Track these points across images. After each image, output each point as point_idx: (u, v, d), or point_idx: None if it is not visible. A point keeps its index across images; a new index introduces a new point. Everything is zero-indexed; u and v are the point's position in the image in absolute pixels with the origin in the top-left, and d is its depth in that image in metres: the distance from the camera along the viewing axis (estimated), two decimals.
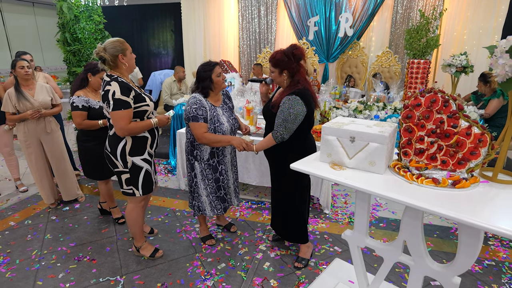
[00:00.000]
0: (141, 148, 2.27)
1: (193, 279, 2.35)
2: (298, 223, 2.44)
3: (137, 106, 2.17)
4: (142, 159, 2.28)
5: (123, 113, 2.08)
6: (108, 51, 2.11)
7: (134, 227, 2.49)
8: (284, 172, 2.28)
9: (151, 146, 2.34)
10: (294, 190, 2.36)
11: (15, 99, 3.05)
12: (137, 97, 2.16)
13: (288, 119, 2.09)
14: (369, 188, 1.36)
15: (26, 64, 3.08)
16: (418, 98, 1.46)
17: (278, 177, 2.41)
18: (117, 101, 2.06)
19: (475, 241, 1.31)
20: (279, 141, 2.17)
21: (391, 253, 1.62)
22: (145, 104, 2.21)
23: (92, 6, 4.24)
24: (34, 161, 3.25)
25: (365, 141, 1.50)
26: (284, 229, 2.54)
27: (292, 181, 2.32)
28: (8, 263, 2.54)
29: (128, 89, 2.10)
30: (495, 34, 5.69)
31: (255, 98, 3.84)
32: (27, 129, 3.15)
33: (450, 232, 2.94)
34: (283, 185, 2.39)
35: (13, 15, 7.66)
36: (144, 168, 2.30)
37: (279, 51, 2.16)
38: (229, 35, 7.77)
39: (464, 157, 1.35)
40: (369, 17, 6.42)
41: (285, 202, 2.43)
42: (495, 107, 3.89)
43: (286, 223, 2.48)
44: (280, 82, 2.25)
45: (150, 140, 2.31)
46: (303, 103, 2.10)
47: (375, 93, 4.52)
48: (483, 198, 1.28)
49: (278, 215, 2.54)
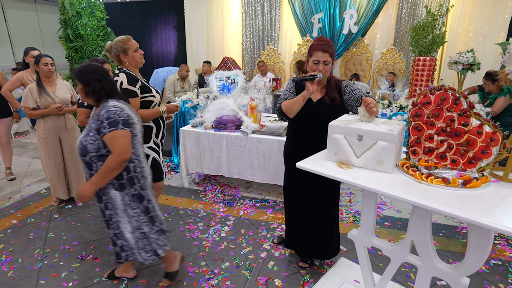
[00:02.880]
0: (146, 136, 2.32)
1: (197, 278, 2.33)
2: (337, 233, 2.34)
3: (144, 96, 2.28)
4: (148, 147, 2.35)
5: (131, 101, 2.18)
6: (112, 51, 2.27)
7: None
8: (331, 186, 2.14)
9: (156, 135, 2.41)
10: (337, 200, 2.25)
11: (36, 94, 3.06)
12: (144, 88, 2.28)
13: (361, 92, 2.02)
14: (377, 187, 1.33)
15: (51, 61, 3.11)
16: (427, 96, 1.42)
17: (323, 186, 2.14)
18: (124, 90, 2.17)
19: (485, 242, 1.28)
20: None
21: (399, 253, 1.59)
22: (151, 95, 2.31)
23: (94, 2, 4.21)
24: (52, 158, 3.26)
25: (373, 140, 1.47)
26: (327, 247, 2.31)
27: (334, 189, 2.21)
28: (11, 262, 2.53)
29: (134, 80, 2.23)
30: (501, 32, 5.63)
31: (259, 95, 3.81)
32: (47, 126, 3.17)
33: (456, 231, 2.91)
34: (327, 195, 2.21)
35: (15, 11, 7.65)
36: (151, 156, 2.37)
37: (327, 40, 2.03)
38: (232, 32, 7.74)
39: (475, 156, 1.32)
40: (373, 14, 6.36)
41: (326, 216, 2.25)
42: (502, 105, 3.84)
43: (328, 239, 2.30)
44: (326, 73, 2.06)
45: (155, 129, 2.38)
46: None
47: (380, 91, 4.48)
48: (494, 198, 1.26)
49: (319, 233, 2.27)
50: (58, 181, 3.35)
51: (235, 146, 3.42)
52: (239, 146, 3.40)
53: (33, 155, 5.18)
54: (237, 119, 3.46)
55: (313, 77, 1.93)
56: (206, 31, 7.76)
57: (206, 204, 3.44)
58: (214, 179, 4.09)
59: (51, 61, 3.12)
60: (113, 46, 2.25)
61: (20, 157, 5.08)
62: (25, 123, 6.65)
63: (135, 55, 2.28)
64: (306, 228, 2.29)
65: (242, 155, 3.42)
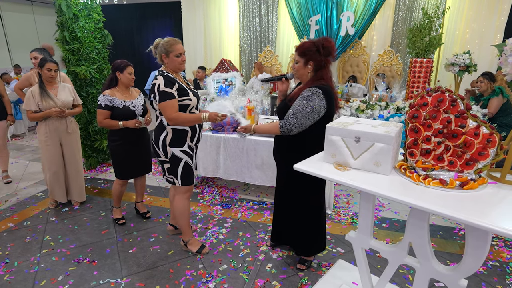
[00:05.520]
0: (181, 140, 2.35)
1: (194, 281, 2.32)
2: (322, 232, 2.34)
3: (180, 99, 2.28)
4: (182, 150, 2.37)
5: (168, 103, 2.21)
6: (157, 49, 2.34)
7: (181, 219, 2.56)
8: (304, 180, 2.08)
9: (191, 139, 2.41)
10: (320, 198, 2.25)
11: (38, 97, 3.05)
12: (181, 90, 2.28)
13: (303, 110, 1.93)
14: (375, 189, 1.33)
15: (55, 67, 3.09)
16: (424, 98, 1.43)
17: (296, 186, 2.22)
18: (162, 93, 2.20)
19: (482, 243, 1.28)
20: (283, 132, 2.00)
21: (396, 255, 1.59)
22: (187, 99, 2.31)
23: (91, 4, 4.20)
24: (54, 162, 3.23)
25: (370, 141, 1.47)
26: (308, 243, 2.37)
27: (314, 188, 2.19)
28: (7, 265, 2.51)
29: (171, 83, 2.24)
30: (497, 33, 5.67)
31: (256, 97, 3.81)
32: (48, 129, 3.15)
33: (454, 232, 2.91)
34: (300, 192, 2.23)
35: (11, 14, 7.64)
36: (183, 159, 2.39)
37: (308, 41, 2.05)
38: (229, 34, 7.75)
39: (472, 157, 1.32)
40: (370, 16, 6.39)
41: (308, 212, 2.27)
42: (497, 106, 3.86)
43: (311, 235, 2.33)
44: (302, 75, 2.09)
45: (190, 133, 2.38)
46: (325, 99, 1.96)
47: (377, 92, 4.49)
48: (492, 200, 1.26)
49: (294, 228, 2.35)
50: (58, 185, 3.32)
51: (232, 148, 3.42)
52: (236, 148, 3.40)
53: (29, 158, 5.16)
54: (235, 121, 3.46)
55: (280, 77, 2.20)
56: (203, 33, 7.76)
57: (204, 206, 3.43)
58: (211, 181, 4.08)
59: (56, 66, 3.10)
60: (160, 44, 2.31)
61: (16, 160, 5.05)
62: (21, 125, 6.63)
63: (175, 60, 2.30)
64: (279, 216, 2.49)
65: (239, 157, 3.41)
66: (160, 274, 2.40)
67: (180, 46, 2.33)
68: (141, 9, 8.66)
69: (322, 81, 2.02)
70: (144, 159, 3.04)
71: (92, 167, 4.53)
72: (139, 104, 2.88)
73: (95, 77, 4.27)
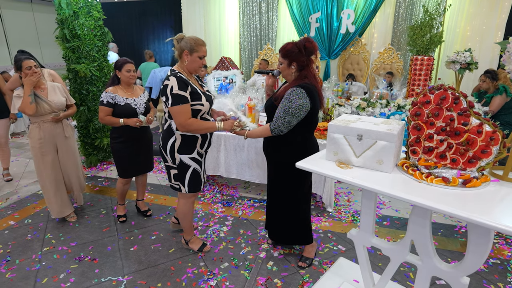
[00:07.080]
0: (190, 146, 2.26)
1: (196, 278, 2.33)
2: (304, 225, 2.39)
3: (191, 104, 2.15)
4: (191, 157, 2.28)
5: (181, 108, 2.08)
6: (181, 43, 2.17)
7: (184, 220, 2.54)
8: (287, 171, 2.23)
9: (201, 146, 2.32)
10: (298, 190, 2.31)
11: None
12: (193, 94, 2.15)
13: (289, 111, 2.00)
14: (377, 187, 1.33)
15: (34, 63, 2.69)
16: (427, 95, 1.42)
17: (280, 177, 2.32)
18: (175, 96, 2.06)
19: (485, 241, 1.28)
20: (275, 133, 2.07)
21: (398, 253, 1.59)
22: (199, 103, 2.17)
23: (91, 2, 4.18)
24: (51, 170, 2.92)
25: (373, 139, 1.47)
26: (288, 233, 2.46)
27: (296, 181, 2.26)
28: (8, 263, 2.51)
29: (185, 84, 2.11)
30: (498, 31, 5.65)
31: (257, 95, 3.80)
32: (42, 135, 2.81)
33: (455, 230, 2.92)
34: (286, 185, 2.31)
35: (11, 11, 7.60)
36: (192, 166, 2.30)
37: (290, 42, 2.11)
38: (229, 31, 7.72)
39: (475, 155, 1.32)
40: (371, 14, 6.37)
41: (288, 203, 2.36)
42: (499, 104, 3.86)
43: (290, 226, 2.42)
44: (287, 75, 2.18)
45: (200, 140, 2.28)
46: (308, 97, 2.03)
47: (378, 90, 4.48)
48: (494, 197, 1.26)
49: (279, 218, 2.46)
50: (54, 198, 2.98)
51: (233, 146, 3.41)
52: (237, 146, 3.40)
53: (30, 156, 5.15)
54: (235, 119, 3.45)
55: (268, 71, 2.36)
56: (203, 30, 7.73)
57: (205, 204, 3.43)
58: (212, 179, 4.08)
59: (34, 62, 2.71)
60: (186, 39, 2.16)
61: (17, 158, 5.05)
62: (22, 123, 6.62)
63: (197, 61, 2.18)
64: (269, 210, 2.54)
65: (240, 155, 3.41)
66: (162, 272, 2.40)
67: (206, 49, 2.22)
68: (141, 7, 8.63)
69: (306, 80, 2.10)
70: (145, 157, 3.03)
71: (92, 165, 4.52)
72: (142, 102, 2.87)
73: (95, 75, 4.26)
